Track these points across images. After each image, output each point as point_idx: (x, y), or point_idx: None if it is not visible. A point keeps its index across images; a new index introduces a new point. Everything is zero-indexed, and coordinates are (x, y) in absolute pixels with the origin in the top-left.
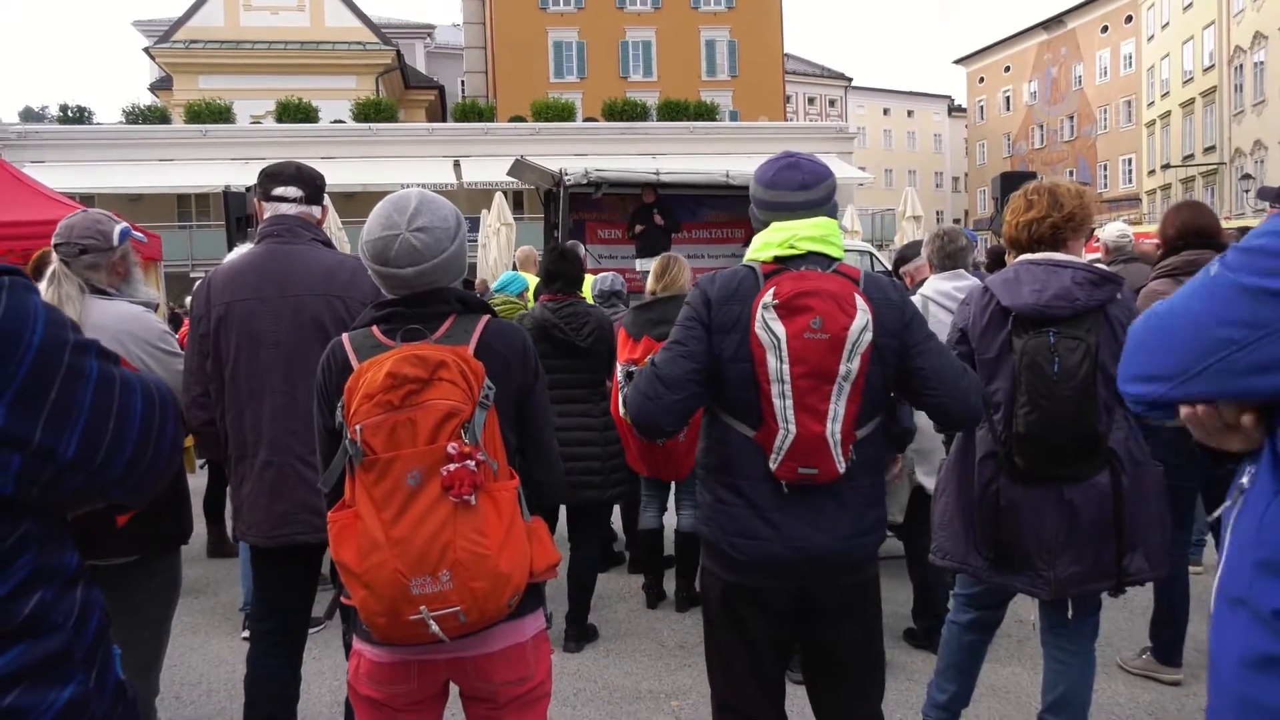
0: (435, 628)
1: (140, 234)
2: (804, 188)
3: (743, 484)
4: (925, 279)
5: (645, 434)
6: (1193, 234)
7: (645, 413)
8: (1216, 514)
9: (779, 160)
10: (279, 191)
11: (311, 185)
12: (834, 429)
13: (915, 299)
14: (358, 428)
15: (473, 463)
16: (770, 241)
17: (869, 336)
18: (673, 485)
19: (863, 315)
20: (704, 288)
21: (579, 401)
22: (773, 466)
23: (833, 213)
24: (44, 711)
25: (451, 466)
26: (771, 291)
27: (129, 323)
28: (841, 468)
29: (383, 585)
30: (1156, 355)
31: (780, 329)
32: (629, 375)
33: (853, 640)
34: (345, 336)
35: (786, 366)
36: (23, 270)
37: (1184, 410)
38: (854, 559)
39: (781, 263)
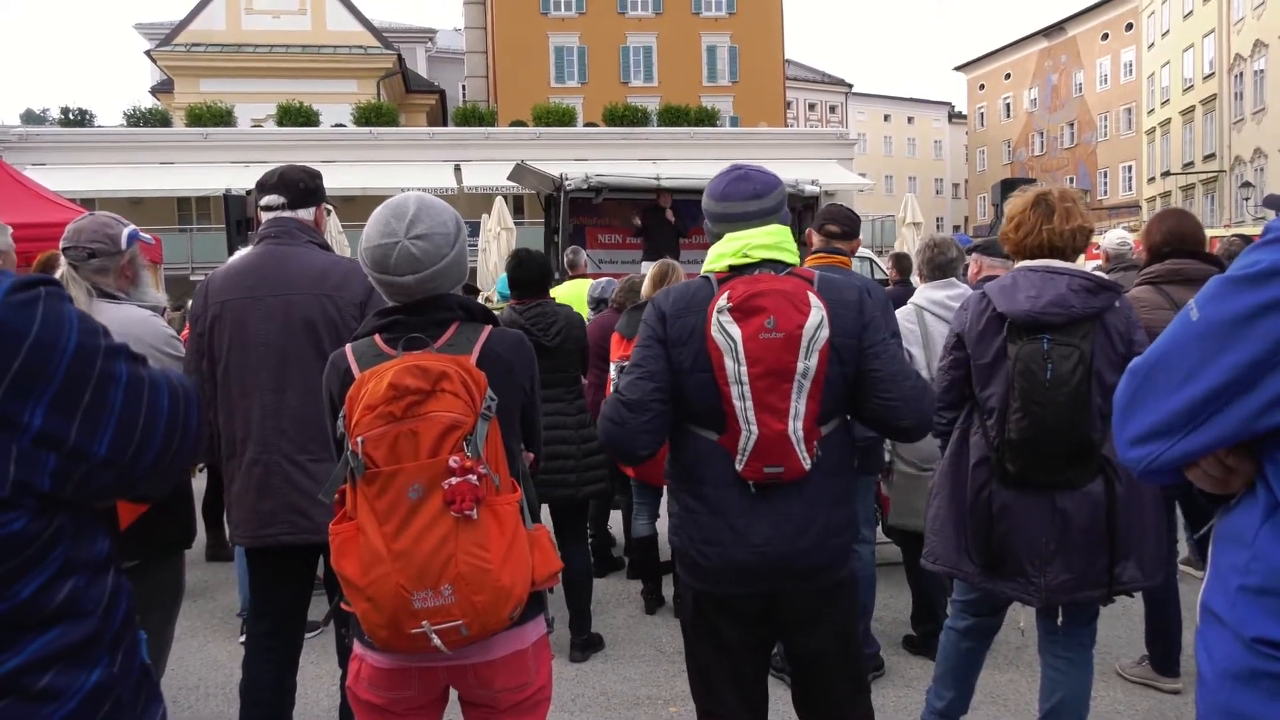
0: (437, 641)
1: (147, 236)
2: (756, 197)
3: (709, 490)
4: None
5: (621, 458)
6: (1178, 241)
7: (614, 438)
8: (1204, 530)
9: (729, 173)
10: (264, 201)
11: (294, 190)
12: (795, 426)
13: (908, 309)
14: (359, 439)
15: (474, 477)
16: (724, 252)
17: (825, 333)
18: (665, 491)
19: (817, 312)
20: (658, 303)
21: (551, 400)
22: (739, 468)
23: (785, 220)
24: (75, 693)
25: (453, 480)
26: (725, 295)
27: (135, 327)
28: (807, 464)
29: (385, 599)
30: (1151, 410)
31: (736, 331)
32: (622, 369)
33: (828, 645)
34: (348, 346)
35: (744, 368)
36: (57, 280)
37: (1189, 472)
38: (820, 562)
39: (736, 271)
